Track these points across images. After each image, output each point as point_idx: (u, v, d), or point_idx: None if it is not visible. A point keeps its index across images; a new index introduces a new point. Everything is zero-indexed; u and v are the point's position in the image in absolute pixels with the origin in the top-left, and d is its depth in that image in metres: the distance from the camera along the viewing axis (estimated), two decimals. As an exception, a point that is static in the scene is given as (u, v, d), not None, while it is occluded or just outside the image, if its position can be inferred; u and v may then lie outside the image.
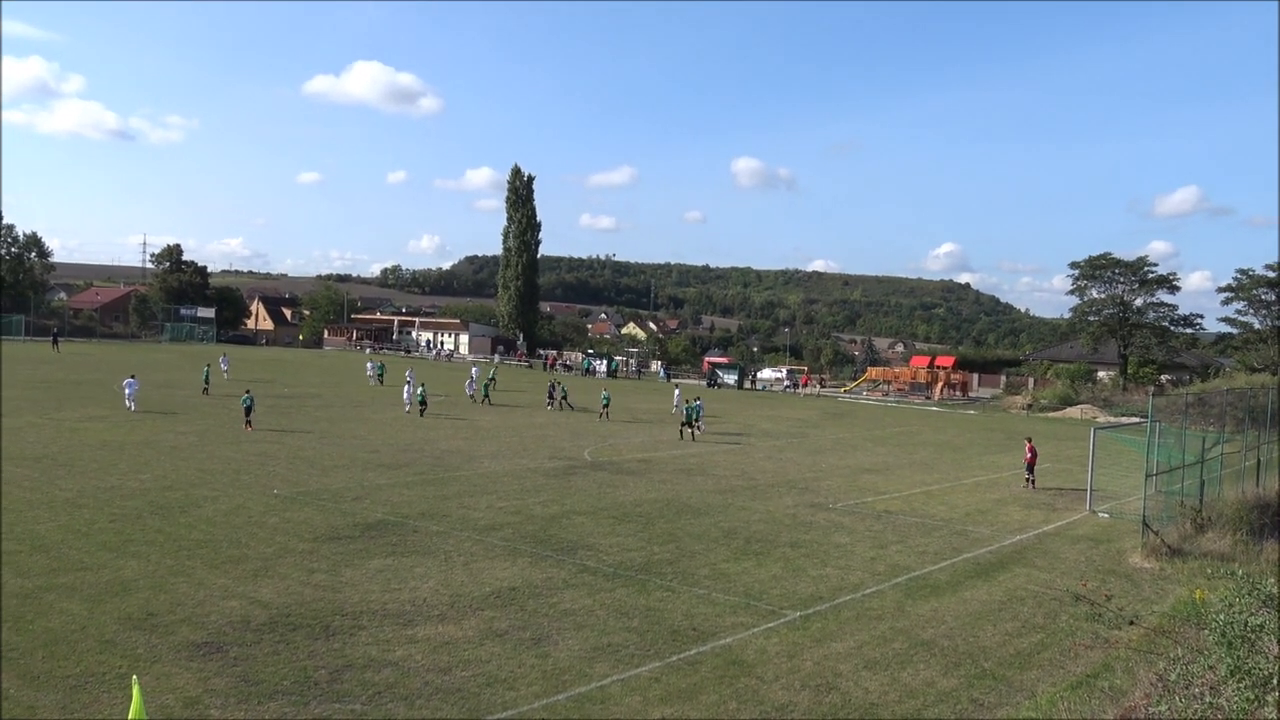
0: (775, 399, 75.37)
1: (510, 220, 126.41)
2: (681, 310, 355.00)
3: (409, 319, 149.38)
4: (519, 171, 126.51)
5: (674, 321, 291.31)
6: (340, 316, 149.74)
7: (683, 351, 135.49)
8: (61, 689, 11.74)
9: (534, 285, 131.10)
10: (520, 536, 21.24)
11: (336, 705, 11.63)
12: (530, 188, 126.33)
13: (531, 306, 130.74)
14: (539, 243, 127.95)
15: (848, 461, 37.49)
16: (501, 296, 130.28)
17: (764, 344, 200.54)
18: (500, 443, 37.46)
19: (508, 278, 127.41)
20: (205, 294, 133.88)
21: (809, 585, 18.37)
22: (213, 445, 32.79)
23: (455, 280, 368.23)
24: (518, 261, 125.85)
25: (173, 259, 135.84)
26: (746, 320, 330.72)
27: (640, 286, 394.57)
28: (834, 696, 12.73)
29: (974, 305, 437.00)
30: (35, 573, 16.64)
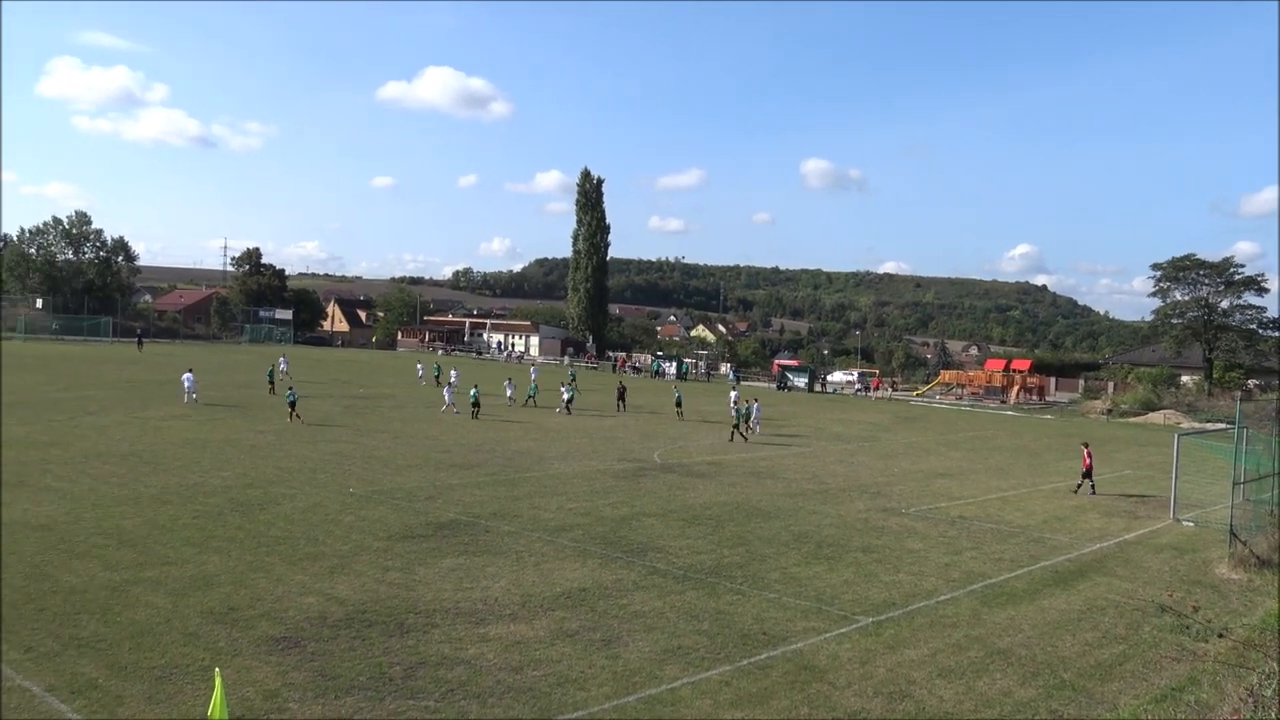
0: (846, 402, 74.63)
1: (580, 223, 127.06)
2: (751, 312, 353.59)
3: (480, 321, 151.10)
4: (588, 174, 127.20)
5: (743, 324, 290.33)
6: (413, 318, 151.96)
7: (752, 354, 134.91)
8: (147, 679, 12.09)
9: (603, 287, 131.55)
10: (590, 538, 21.32)
11: (410, 702, 11.79)
12: (600, 190, 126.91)
13: (601, 309, 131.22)
14: (608, 245, 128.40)
15: (920, 466, 36.96)
16: (571, 299, 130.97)
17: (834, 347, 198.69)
18: (570, 444, 37.66)
19: (577, 280, 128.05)
20: (283, 296, 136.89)
21: (881, 591, 18.14)
22: (290, 444, 33.50)
23: (525, 282, 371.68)
24: (587, 264, 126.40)
25: (252, 262, 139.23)
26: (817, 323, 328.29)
27: (709, 289, 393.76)
28: (907, 704, 12.55)
29: (1051, 308, 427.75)
30: (122, 566, 17.16)
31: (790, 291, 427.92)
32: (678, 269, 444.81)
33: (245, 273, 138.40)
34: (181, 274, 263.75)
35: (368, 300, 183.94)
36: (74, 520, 20.51)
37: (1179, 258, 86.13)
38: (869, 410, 66.14)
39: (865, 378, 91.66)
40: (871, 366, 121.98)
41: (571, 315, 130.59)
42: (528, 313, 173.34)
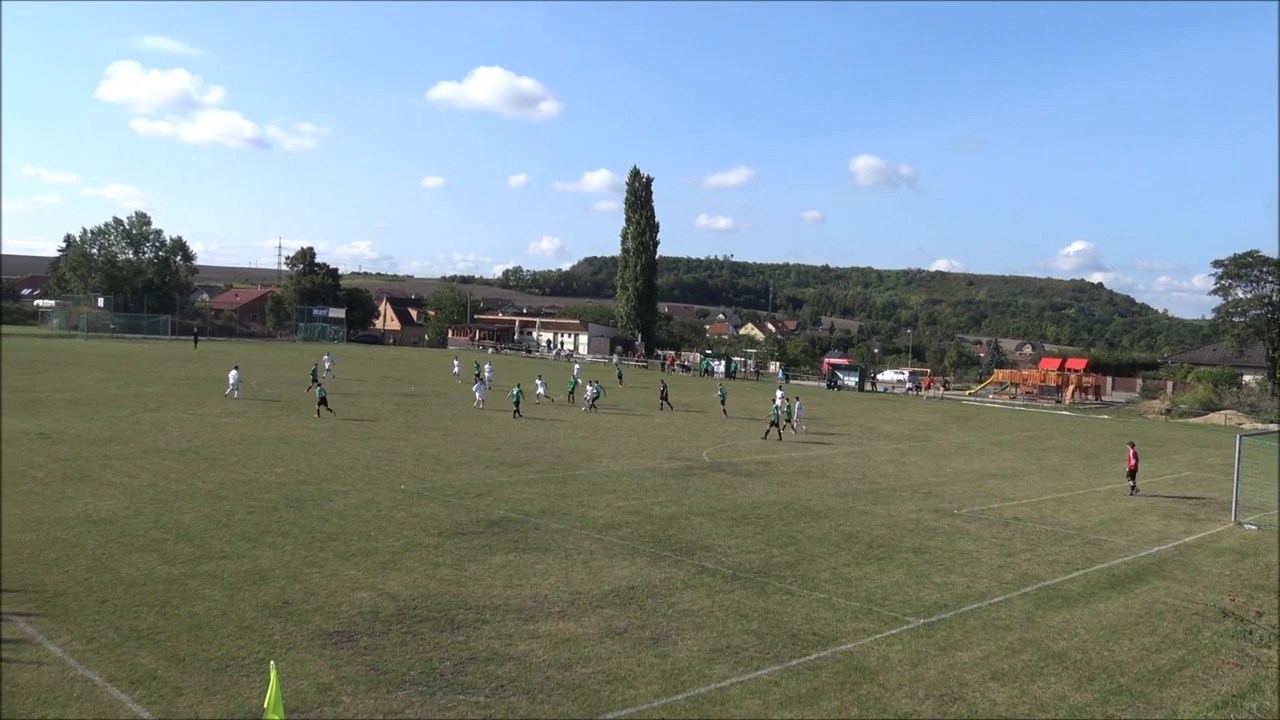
0: (897, 401, 73.93)
1: (629, 221, 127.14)
2: (800, 311, 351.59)
3: (530, 320, 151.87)
4: (637, 173, 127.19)
5: (793, 322, 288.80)
6: (463, 317, 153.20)
7: (802, 353, 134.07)
8: (205, 671, 12.31)
9: (652, 286, 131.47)
10: (639, 536, 21.34)
11: (461, 697, 11.88)
12: (649, 189, 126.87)
13: (650, 307, 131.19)
14: (657, 243, 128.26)
15: (973, 466, 36.50)
16: (620, 297, 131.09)
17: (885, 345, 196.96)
18: (619, 442, 37.72)
19: (626, 278, 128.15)
20: (336, 295, 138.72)
21: (933, 592, 17.94)
22: (343, 441, 33.93)
23: (574, 281, 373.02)
24: (636, 262, 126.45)
25: (306, 261, 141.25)
26: (867, 321, 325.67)
27: (758, 287, 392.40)
28: (959, 707, 12.39)
29: (1107, 306, 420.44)
30: (180, 560, 17.50)
31: (840, 290, 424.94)
32: (726, 267, 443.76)
33: (299, 272, 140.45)
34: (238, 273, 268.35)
35: (419, 299, 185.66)
36: (134, 514, 20.96)
37: (1241, 254, 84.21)
38: (920, 409, 65.46)
39: (917, 377, 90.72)
40: (923, 365, 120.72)
41: (620, 314, 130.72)
42: (577, 311, 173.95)
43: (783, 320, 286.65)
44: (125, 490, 23.57)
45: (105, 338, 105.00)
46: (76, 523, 19.95)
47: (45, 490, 23.12)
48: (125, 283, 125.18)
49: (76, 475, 25.16)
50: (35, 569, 16.49)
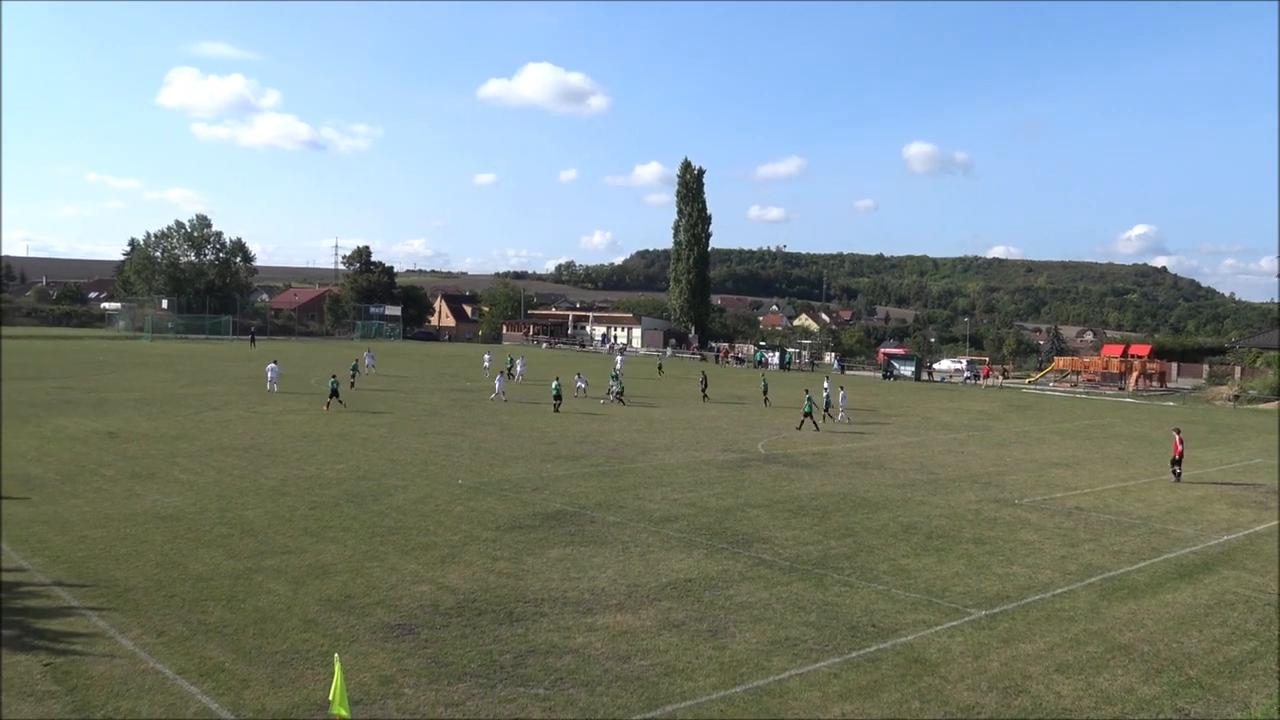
0: (954, 391, 73.00)
1: (681, 214, 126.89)
2: (855, 301, 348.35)
3: (583, 314, 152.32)
4: (689, 165, 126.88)
5: (847, 312, 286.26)
6: (517, 312, 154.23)
7: (857, 343, 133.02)
8: (270, 664, 12.54)
9: (705, 278, 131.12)
10: (695, 528, 21.32)
11: (521, 689, 11.97)
12: (700, 181, 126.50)
13: (702, 299, 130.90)
14: (709, 235, 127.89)
15: (1034, 455, 35.93)
16: (673, 290, 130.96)
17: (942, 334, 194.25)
18: (674, 435, 37.71)
19: (679, 271, 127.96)
20: (392, 293, 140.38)
21: (994, 583, 17.70)
22: (401, 437, 34.34)
23: (627, 275, 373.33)
24: (688, 255, 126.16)
25: (362, 260, 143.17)
26: (923, 310, 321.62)
27: (812, 277, 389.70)
28: (1023, 700, 12.22)
29: (1171, 290, 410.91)
30: (245, 555, 17.85)
31: (895, 279, 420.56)
32: (779, 258, 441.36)
33: (356, 271, 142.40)
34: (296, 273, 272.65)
35: (473, 295, 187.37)
36: (200, 511, 21.41)
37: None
38: (979, 399, 64.57)
39: (974, 365, 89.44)
40: (981, 354, 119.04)
41: (673, 306, 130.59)
42: (630, 305, 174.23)
43: (837, 310, 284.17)
44: (191, 487, 24.09)
45: (169, 338, 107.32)
46: (145, 519, 20.43)
47: (115, 488, 23.71)
48: (188, 284, 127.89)
49: (144, 473, 25.76)
50: (106, 564, 16.92)
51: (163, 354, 79.62)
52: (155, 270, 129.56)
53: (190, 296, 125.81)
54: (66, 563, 16.98)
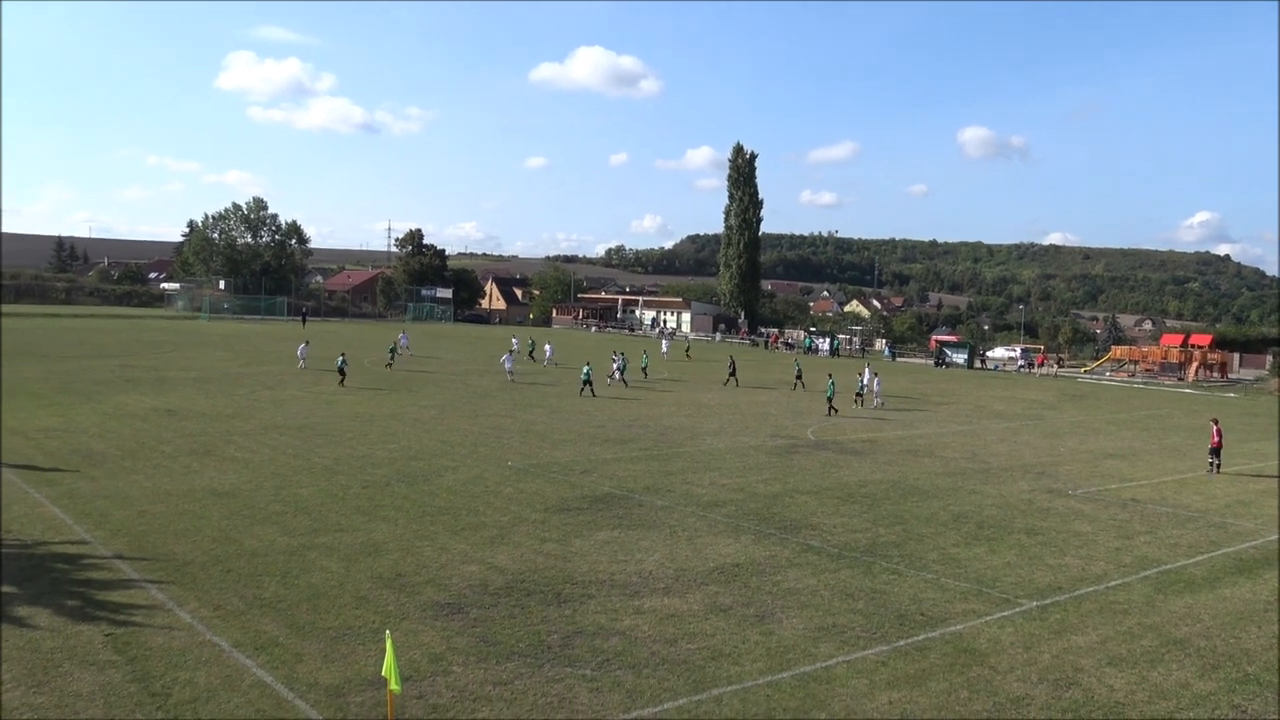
0: (1008, 379, 72.00)
1: (732, 199, 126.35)
2: (907, 287, 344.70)
3: (632, 298, 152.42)
4: (741, 149, 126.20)
5: (899, 299, 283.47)
6: (567, 296, 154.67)
7: (909, 329, 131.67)
8: (323, 639, 12.77)
9: (755, 263, 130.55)
10: (743, 514, 21.30)
11: (568, 669, 12.06)
12: (752, 165, 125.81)
13: (753, 284, 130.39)
14: (761, 220, 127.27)
15: (1089, 445, 35.34)
16: (723, 275, 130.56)
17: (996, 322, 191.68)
18: (722, 420, 37.65)
19: (729, 256, 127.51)
20: (444, 275, 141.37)
21: (1046, 574, 17.47)
22: (452, 419, 34.67)
23: (677, 259, 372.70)
24: (739, 239, 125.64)
25: (414, 243, 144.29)
26: (977, 297, 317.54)
27: (863, 263, 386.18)
28: (1075, 692, 12.07)
29: (1234, 279, 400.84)
30: (299, 532, 18.16)
31: (949, 265, 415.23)
32: (830, 243, 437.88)
33: (408, 253, 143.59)
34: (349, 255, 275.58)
35: (523, 279, 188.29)
36: (255, 488, 21.81)
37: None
38: (1033, 387, 63.65)
39: (1029, 354, 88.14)
40: (1036, 342, 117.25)
41: (724, 291, 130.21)
42: (680, 289, 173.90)
43: (889, 297, 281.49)
44: (247, 465, 24.54)
45: (226, 319, 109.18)
46: (202, 495, 20.86)
47: (173, 464, 24.23)
48: (244, 265, 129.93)
49: (202, 450, 26.29)
50: (165, 539, 17.31)
51: (219, 334, 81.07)
52: (213, 251, 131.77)
53: (246, 277, 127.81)
54: (127, 536, 17.41)
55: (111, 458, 24.78)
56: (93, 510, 19.20)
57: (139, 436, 28.10)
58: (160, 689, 11.06)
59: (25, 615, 13.25)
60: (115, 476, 22.50)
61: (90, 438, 27.58)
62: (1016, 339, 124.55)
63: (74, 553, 16.36)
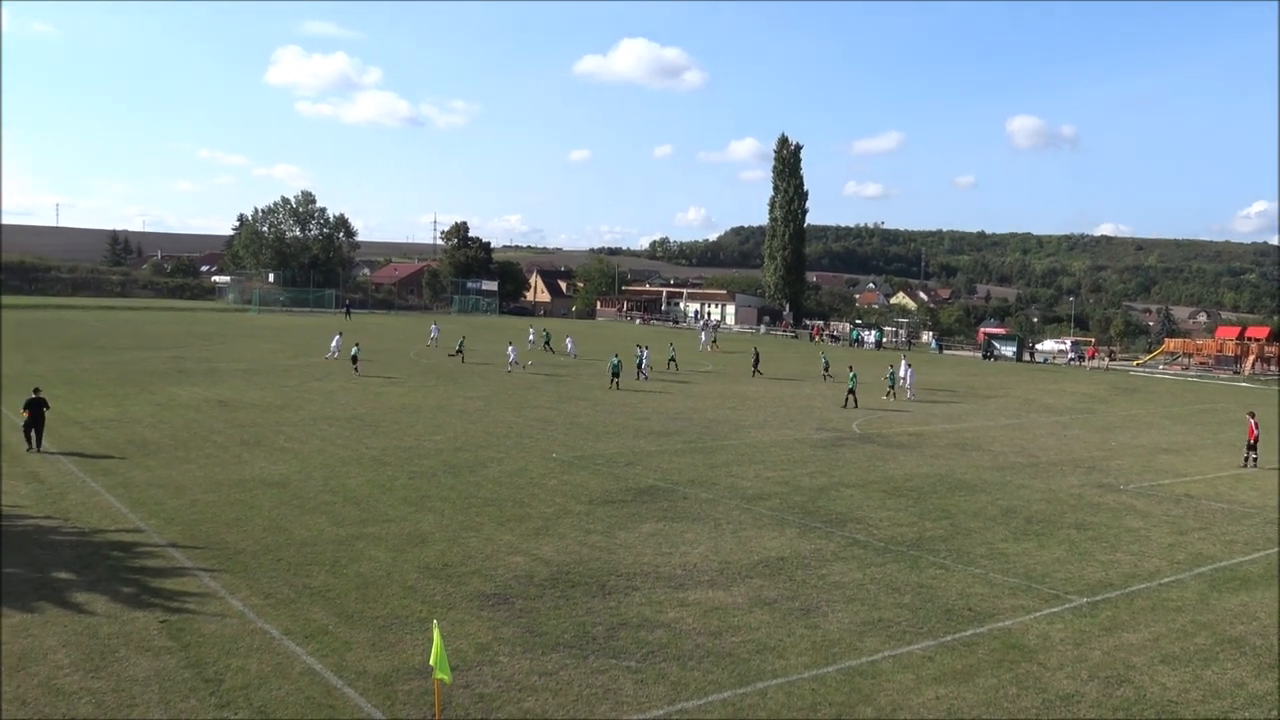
0: (1058, 372, 70.97)
1: (776, 190, 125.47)
2: (954, 279, 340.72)
3: (676, 290, 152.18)
4: (786, 141, 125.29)
5: (946, 291, 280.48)
6: (611, 288, 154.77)
7: (956, 322, 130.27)
8: (372, 628, 12.92)
9: (800, 255, 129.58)
10: (788, 507, 21.22)
11: (613, 661, 12.11)
12: (797, 156, 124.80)
13: (798, 276, 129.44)
14: (806, 212, 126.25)
15: (1141, 440, 34.75)
16: (768, 267, 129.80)
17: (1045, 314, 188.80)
18: (767, 413, 37.52)
19: (774, 248, 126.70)
20: (489, 268, 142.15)
21: (1097, 570, 17.22)
22: (497, 410, 34.88)
23: (721, 251, 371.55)
24: (784, 231, 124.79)
25: (460, 236, 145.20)
26: (1026, 289, 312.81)
27: (910, 255, 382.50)
28: (1126, 690, 11.89)
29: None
30: (348, 522, 18.39)
31: (997, 256, 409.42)
32: (876, 235, 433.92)
33: (454, 246, 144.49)
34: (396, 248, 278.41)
35: (568, 271, 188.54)
36: (304, 478, 22.11)
37: None
38: (1083, 381, 62.68)
39: (1079, 346, 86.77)
40: (1086, 334, 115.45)
41: (768, 283, 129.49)
42: (724, 282, 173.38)
43: (935, 289, 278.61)
44: (296, 455, 24.88)
45: (275, 311, 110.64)
46: (253, 485, 21.19)
47: (225, 454, 24.63)
48: (293, 258, 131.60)
49: (252, 440, 26.69)
50: (217, 528, 17.62)
51: (269, 326, 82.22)
52: (262, 245, 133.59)
53: (295, 270, 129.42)
54: (180, 525, 17.74)
55: (165, 447, 25.25)
56: (147, 499, 19.59)
57: (191, 427, 28.60)
58: (213, 675, 11.27)
59: (83, 601, 13.56)
60: (169, 466, 22.93)
61: (144, 428, 28.12)
62: (1066, 331, 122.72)
63: (129, 540, 16.71)
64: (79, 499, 19.44)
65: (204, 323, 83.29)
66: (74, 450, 24.42)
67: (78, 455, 23.82)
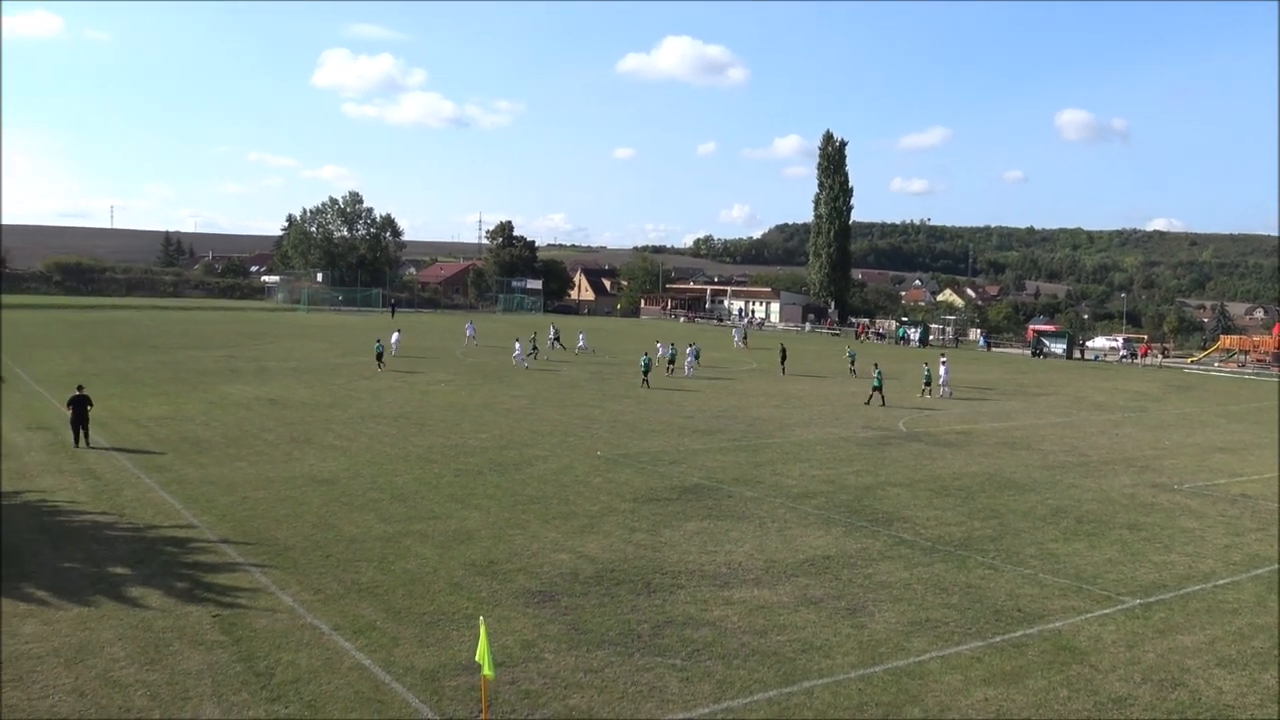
0: (1109, 370, 69.86)
1: (821, 187, 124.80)
2: (1002, 276, 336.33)
3: (721, 288, 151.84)
4: (831, 137, 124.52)
5: (994, 287, 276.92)
6: (656, 286, 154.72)
7: (1004, 319, 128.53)
8: (418, 624, 13.05)
9: (845, 252, 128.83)
10: (834, 505, 21.09)
11: (658, 659, 12.11)
12: (842, 153, 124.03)
13: (843, 274, 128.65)
14: (851, 208, 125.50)
15: (1195, 439, 34.09)
16: (812, 264, 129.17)
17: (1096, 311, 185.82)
18: (812, 411, 37.32)
19: (819, 245, 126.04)
20: (534, 267, 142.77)
21: (1150, 572, 16.92)
22: (542, 409, 35.03)
23: (765, 249, 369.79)
24: (829, 228, 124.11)
25: (505, 235, 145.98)
26: (1076, 285, 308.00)
27: (957, 251, 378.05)
28: (1181, 694, 11.67)
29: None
30: (395, 519, 18.57)
31: (1046, 253, 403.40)
32: (922, 231, 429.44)
33: (499, 245, 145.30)
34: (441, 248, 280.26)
35: (612, 269, 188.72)
36: (353, 475, 22.37)
37: None
38: (1135, 378, 61.64)
39: (1131, 343, 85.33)
40: (1139, 331, 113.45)
41: (813, 281, 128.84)
42: (768, 279, 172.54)
43: (983, 285, 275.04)
44: (345, 453, 25.18)
45: (324, 310, 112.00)
46: (303, 482, 21.48)
47: (275, 451, 24.98)
48: (341, 258, 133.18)
49: (302, 438, 27.05)
50: (268, 524, 17.88)
51: (317, 325, 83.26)
52: (311, 245, 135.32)
53: (343, 270, 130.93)
54: (232, 521, 18.02)
55: (217, 445, 25.67)
56: (200, 495, 19.93)
57: (242, 425, 29.04)
58: (264, 669, 11.44)
59: (138, 596, 13.83)
60: (220, 463, 23.31)
61: (197, 425, 28.61)
62: (1118, 328, 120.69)
63: (183, 536, 17.01)
64: (134, 495, 19.83)
65: (254, 322, 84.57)
66: (129, 447, 24.92)
67: (132, 452, 24.30)
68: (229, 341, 61.18)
